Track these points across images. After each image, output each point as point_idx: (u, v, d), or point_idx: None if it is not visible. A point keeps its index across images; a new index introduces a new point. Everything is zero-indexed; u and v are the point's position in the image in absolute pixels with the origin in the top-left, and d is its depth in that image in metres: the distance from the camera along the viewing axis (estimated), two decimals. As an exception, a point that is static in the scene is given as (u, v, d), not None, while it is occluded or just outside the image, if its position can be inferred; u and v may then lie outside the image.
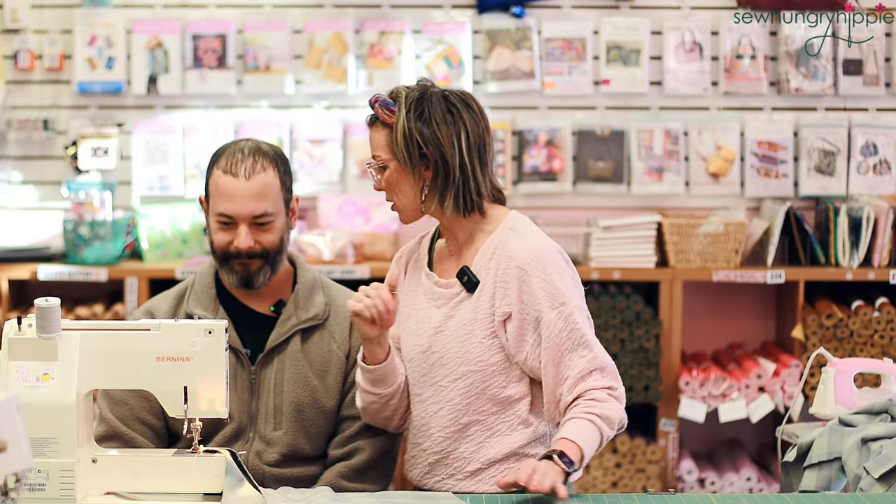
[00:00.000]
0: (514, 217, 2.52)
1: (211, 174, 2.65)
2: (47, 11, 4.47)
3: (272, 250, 2.64)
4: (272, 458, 2.62)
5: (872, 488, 2.37)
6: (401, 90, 2.46)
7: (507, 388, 2.46)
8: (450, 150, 2.43)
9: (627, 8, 4.47)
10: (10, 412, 1.76)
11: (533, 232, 2.49)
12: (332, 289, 2.78)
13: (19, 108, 4.48)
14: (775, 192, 4.43)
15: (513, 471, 2.25)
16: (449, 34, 4.43)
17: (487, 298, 2.45)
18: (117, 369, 2.27)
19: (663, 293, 4.21)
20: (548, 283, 2.41)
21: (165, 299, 2.74)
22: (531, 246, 2.44)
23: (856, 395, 2.74)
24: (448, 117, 2.43)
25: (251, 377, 2.66)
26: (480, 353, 2.45)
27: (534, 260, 2.42)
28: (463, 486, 2.50)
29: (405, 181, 2.45)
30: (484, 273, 2.46)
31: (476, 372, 2.45)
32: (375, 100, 2.45)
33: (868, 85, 4.43)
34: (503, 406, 2.47)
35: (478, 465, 2.48)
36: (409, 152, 2.42)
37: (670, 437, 4.23)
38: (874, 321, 4.17)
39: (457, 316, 2.47)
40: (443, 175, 2.44)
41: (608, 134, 4.46)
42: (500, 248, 2.45)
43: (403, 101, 2.42)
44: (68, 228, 4.23)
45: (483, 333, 2.45)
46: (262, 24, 4.43)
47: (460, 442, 2.49)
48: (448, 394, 2.48)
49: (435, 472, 2.53)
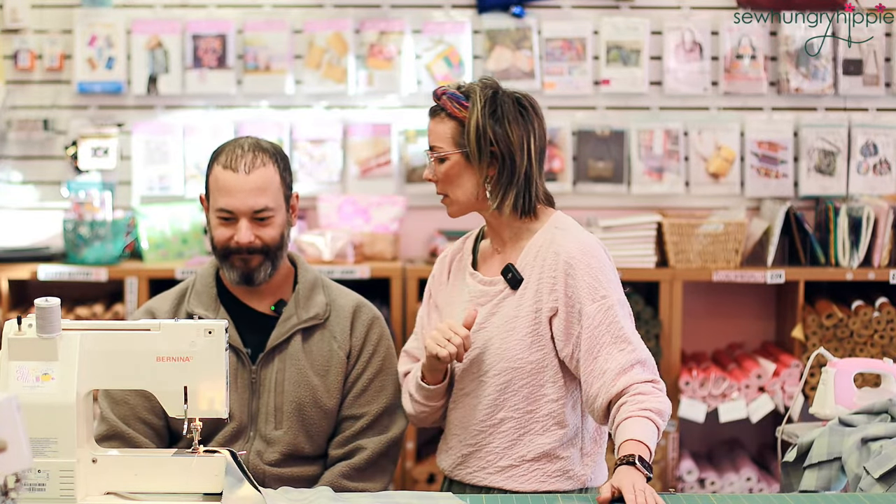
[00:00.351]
0: (559, 216, 2.57)
1: (211, 171, 2.66)
2: (47, 11, 4.47)
3: (272, 246, 2.64)
4: (273, 457, 2.63)
5: (872, 488, 2.37)
6: (474, 86, 2.51)
7: (542, 387, 2.50)
8: (518, 151, 2.49)
9: (627, 8, 4.46)
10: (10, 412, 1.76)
11: (578, 229, 2.55)
12: (332, 289, 2.78)
13: (19, 108, 4.48)
14: (775, 192, 4.43)
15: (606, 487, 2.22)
16: (449, 34, 4.43)
17: (531, 296, 2.48)
18: (117, 369, 2.27)
19: (663, 293, 4.21)
20: (591, 277, 2.44)
21: (166, 299, 2.74)
22: (577, 241, 2.49)
23: (856, 395, 2.74)
24: (520, 119, 2.51)
25: (252, 376, 2.66)
26: (520, 350, 2.48)
27: (580, 254, 2.46)
28: (493, 481, 2.53)
29: (467, 175, 2.50)
30: (528, 271, 2.50)
31: (514, 369, 2.48)
32: (443, 92, 2.50)
33: (868, 85, 4.43)
34: (538, 405, 2.50)
35: (509, 461, 2.52)
36: (479, 147, 2.47)
37: (670, 437, 4.23)
38: (874, 321, 4.17)
39: (499, 313, 2.51)
40: (508, 174, 2.49)
41: (608, 134, 4.46)
42: (546, 245, 2.50)
43: (478, 96, 2.48)
44: (68, 228, 4.23)
45: (524, 331, 2.48)
46: (262, 24, 4.43)
47: (494, 436, 2.52)
48: (486, 388, 2.51)
49: (467, 464, 2.57)
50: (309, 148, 4.45)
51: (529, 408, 2.50)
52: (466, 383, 2.55)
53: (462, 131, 2.48)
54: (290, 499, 2.32)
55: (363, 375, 2.71)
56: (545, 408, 2.50)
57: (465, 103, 2.48)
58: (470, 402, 2.55)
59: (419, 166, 4.42)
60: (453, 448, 2.59)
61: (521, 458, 2.51)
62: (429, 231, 4.43)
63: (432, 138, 2.52)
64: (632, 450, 2.26)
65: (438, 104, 2.51)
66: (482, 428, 2.53)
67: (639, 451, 2.26)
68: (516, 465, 2.52)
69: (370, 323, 2.75)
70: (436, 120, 2.52)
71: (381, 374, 2.73)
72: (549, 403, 2.50)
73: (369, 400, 2.70)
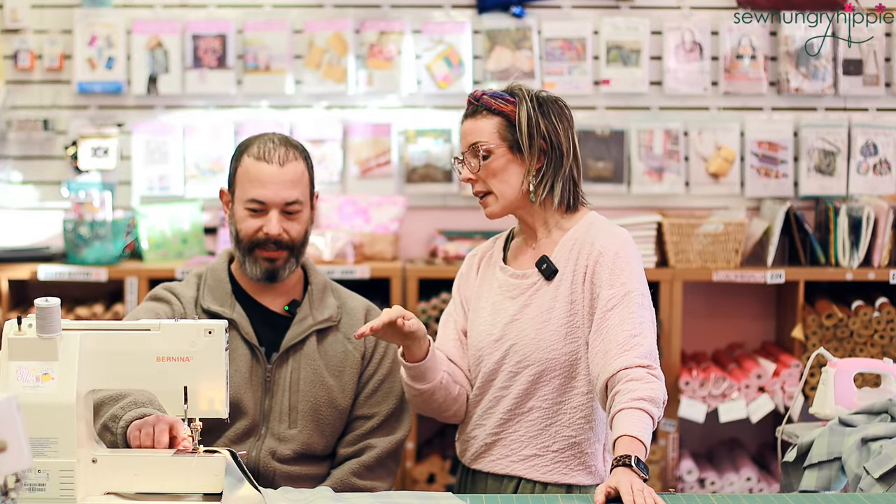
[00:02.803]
0: (594, 215, 2.62)
1: (240, 162, 2.66)
2: (47, 11, 4.47)
3: (298, 242, 2.68)
4: (285, 455, 2.63)
5: (872, 488, 2.37)
6: (515, 85, 2.58)
7: (574, 379, 2.52)
8: (565, 144, 2.55)
9: (627, 8, 4.47)
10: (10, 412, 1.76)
11: (613, 225, 2.60)
12: (340, 291, 2.82)
13: (19, 108, 4.48)
14: (775, 192, 4.43)
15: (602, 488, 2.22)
16: (449, 34, 4.43)
17: (567, 287, 2.52)
18: (117, 369, 2.27)
19: (663, 293, 4.21)
20: (615, 266, 2.48)
21: (189, 286, 2.75)
22: (612, 234, 2.54)
23: (856, 395, 2.74)
24: (562, 116, 2.57)
25: (266, 375, 2.66)
26: (555, 341, 2.51)
27: (612, 244, 2.51)
28: (515, 469, 2.55)
29: (513, 169, 2.54)
30: (563, 263, 2.54)
31: (548, 360, 2.51)
32: (482, 93, 2.56)
33: (868, 85, 4.43)
34: (567, 397, 2.53)
35: (534, 450, 2.54)
36: (530, 138, 2.52)
37: (670, 437, 4.23)
38: (874, 321, 4.17)
39: (533, 304, 2.54)
40: (555, 167, 2.54)
41: (608, 134, 4.46)
42: (581, 238, 2.54)
43: (524, 92, 2.55)
44: (68, 228, 4.23)
45: (559, 322, 2.51)
46: (262, 24, 4.43)
47: (521, 424, 2.55)
48: (518, 379, 2.53)
49: (491, 452, 2.58)
50: (309, 148, 4.42)
51: (559, 399, 2.53)
52: (498, 374, 2.57)
53: (507, 125, 2.53)
54: (290, 499, 2.32)
55: (375, 376, 2.74)
56: (574, 400, 2.53)
57: (511, 98, 2.55)
58: (498, 394, 2.57)
59: (419, 166, 4.42)
60: (477, 437, 2.61)
61: (545, 448, 2.54)
62: (429, 231, 4.43)
63: (473, 136, 2.56)
64: (627, 449, 2.26)
65: (479, 103, 2.56)
66: (510, 416, 2.55)
67: (635, 451, 2.26)
68: (540, 454, 2.54)
69: None
70: (476, 118, 2.57)
71: (391, 376, 2.76)
72: (578, 396, 2.53)
73: (380, 400, 2.72)
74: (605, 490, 2.20)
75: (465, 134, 2.58)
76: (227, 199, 2.72)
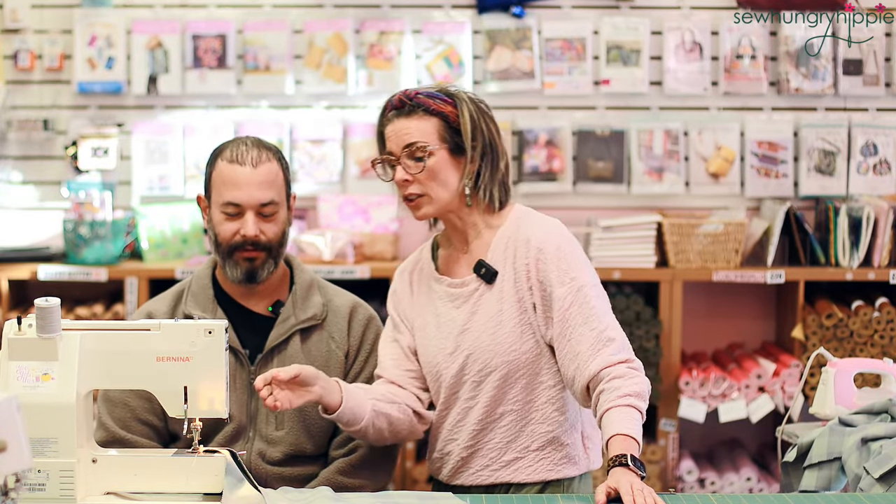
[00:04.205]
0: (518, 208, 2.58)
1: (214, 167, 2.66)
2: (47, 11, 4.47)
3: (275, 243, 2.66)
4: (275, 457, 2.63)
5: (872, 488, 2.37)
6: (447, 87, 2.55)
7: (539, 374, 2.50)
8: (500, 146, 2.54)
9: (627, 8, 4.46)
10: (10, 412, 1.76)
11: (540, 216, 2.57)
12: (328, 289, 2.79)
13: (19, 108, 4.48)
14: (775, 192, 4.43)
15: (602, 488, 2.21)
16: (449, 34, 4.43)
17: (510, 286, 2.49)
18: (117, 369, 2.28)
19: (663, 293, 4.21)
20: (560, 261, 2.46)
21: (163, 301, 2.75)
22: (545, 226, 2.51)
23: (856, 395, 2.74)
24: (493, 118, 2.57)
25: (251, 377, 2.66)
26: (512, 342, 2.48)
27: (549, 237, 2.48)
28: (499, 476, 2.52)
29: (451, 170, 2.51)
30: (501, 263, 2.51)
31: (510, 362, 2.48)
32: (416, 92, 2.51)
33: (868, 85, 4.42)
34: (536, 394, 2.50)
35: (514, 454, 2.51)
36: (473, 140, 2.49)
37: (670, 437, 4.23)
38: (874, 321, 4.16)
39: (481, 310, 2.50)
40: (492, 167, 2.52)
41: (608, 134, 4.46)
42: (514, 235, 2.51)
43: (462, 94, 2.52)
44: (68, 228, 4.23)
45: (512, 322, 2.48)
46: (262, 24, 4.43)
47: (495, 432, 2.52)
48: (483, 387, 2.50)
49: (469, 465, 2.55)
50: (309, 148, 4.45)
51: (529, 398, 2.50)
52: (461, 386, 2.53)
53: (446, 127, 2.49)
54: (290, 499, 2.32)
55: (361, 375, 2.72)
56: (544, 395, 2.50)
57: (448, 99, 2.51)
58: (465, 405, 2.54)
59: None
60: (451, 453, 2.57)
61: (525, 449, 2.51)
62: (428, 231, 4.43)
63: (410, 136, 2.49)
64: (621, 449, 2.26)
65: (413, 102, 2.50)
66: (482, 426, 2.52)
67: (629, 450, 2.25)
68: (521, 456, 2.51)
69: (366, 323, 2.76)
70: (411, 118, 2.50)
71: None
72: (547, 390, 2.50)
73: None
74: (605, 490, 2.20)
75: (398, 133, 2.50)
76: (205, 205, 2.73)
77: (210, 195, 2.69)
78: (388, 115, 2.54)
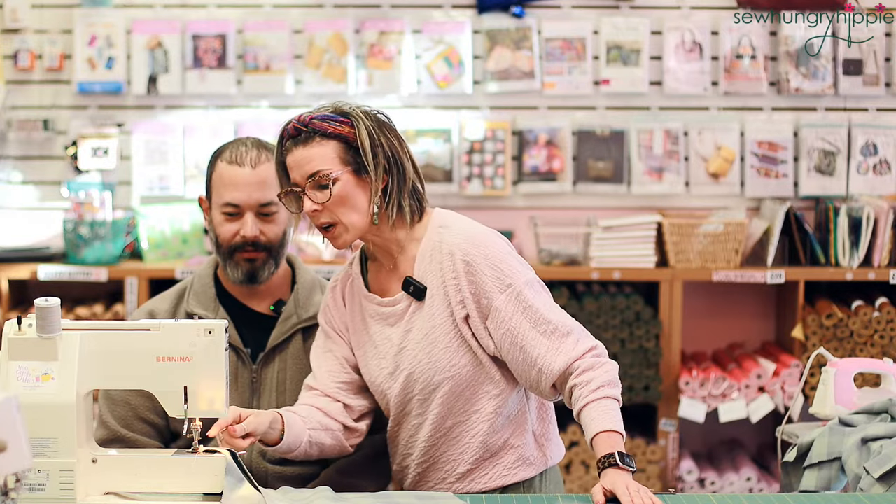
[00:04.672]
0: (437, 214, 2.50)
1: (214, 168, 2.67)
2: (47, 11, 4.47)
3: (276, 243, 2.66)
4: (276, 456, 2.63)
5: (872, 488, 2.37)
6: (341, 106, 2.44)
7: (482, 385, 2.46)
8: (405, 157, 2.45)
9: (627, 8, 4.47)
10: (10, 412, 1.76)
11: (462, 221, 2.48)
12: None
13: (19, 108, 4.48)
14: (775, 192, 4.43)
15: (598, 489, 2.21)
16: (449, 34, 4.43)
17: (441, 301, 2.43)
18: (117, 369, 2.27)
19: (663, 293, 4.21)
20: (491, 269, 2.39)
21: (165, 300, 2.75)
22: (467, 235, 2.43)
23: (856, 395, 2.74)
24: (395, 131, 2.47)
25: (252, 376, 2.66)
26: (450, 357, 2.43)
27: (473, 248, 2.41)
28: (457, 489, 2.50)
29: (358, 193, 2.41)
30: (429, 277, 2.44)
31: (451, 377, 2.44)
32: (310, 117, 2.41)
33: (868, 85, 4.43)
34: (481, 404, 2.46)
35: (468, 465, 2.49)
36: (374, 157, 2.40)
37: (670, 437, 4.23)
38: (874, 321, 4.17)
39: (415, 328, 2.45)
40: (399, 182, 2.44)
41: (608, 134, 4.46)
42: (437, 247, 2.44)
43: (357, 111, 2.42)
44: (68, 228, 4.23)
45: (447, 338, 2.43)
46: (262, 24, 4.43)
47: (447, 446, 2.49)
48: (430, 405, 2.47)
49: (427, 479, 2.53)
50: (309, 148, 4.45)
51: (474, 408, 2.46)
52: (406, 404, 2.50)
53: (346, 148, 2.40)
54: (290, 499, 2.32)
55: None
56: (489, 405, 2.46)
57: (344, 119, 2.41)
58: (415, 421, 2.50)
59: (419, 166, 4.41)
60: (409, 466, 2.55)
61: (478, 461, 2.48)
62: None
63: (312, 165, 2.38)
64: (609, 447, 2.25)
65: (308, 129, 2.40)
66: (434, 441, 2.49)
67: (616, 447, 2.25)
68: (474, 467, 2.48)
69: None
70: (309, 145, 2.40)
71: None
72: (491, 400, 2.46)
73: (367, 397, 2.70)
74: (601, 490, 2.20)
75: (300, 163, 2.39)
76: (206, 206, 2.73)
77: (211, 196, 2.69)
78: (286, 145, 2.44)
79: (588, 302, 4.19)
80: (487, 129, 4.45)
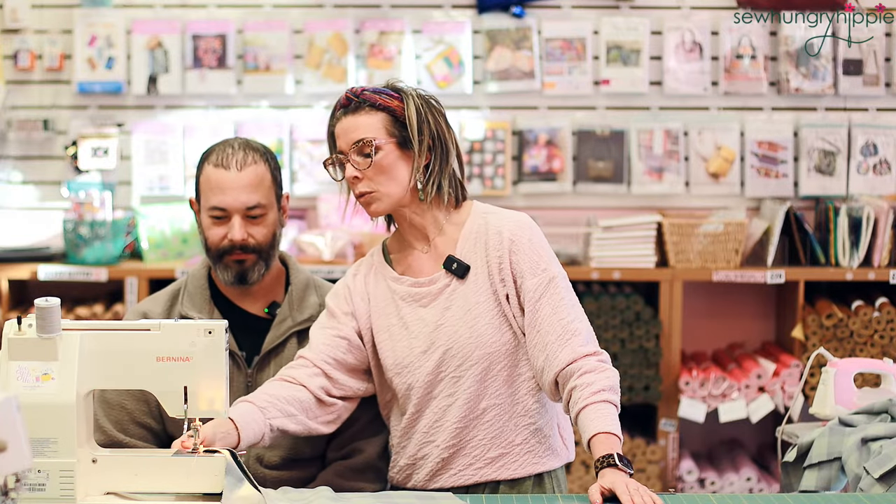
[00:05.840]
0: (480, 204, 2.58)
1: (202, 171, 2.67)
2: (47, 11, 4.47)
3: (265, 245, 2.65)
4: (273, 460, 2.62)
5: (872, 488, 2.37)
6: (395, 82, 2.53)
7: (518, 366, 2.48)
8: (450, 141, 2.52)
9: (627, 8, 4.47)
10: (10, 412, 1.76)
11: (508, 210, 2.56)
12: (324, 288, 2.78)
13: (19, 108, 4.48)
14: (775, 192, 4.44)
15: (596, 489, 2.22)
16: (449, 34, 4.43)
17: (484, 280, 2.48)
18: (117, 369, 2.27)
19: (663, 293, 4.21)
20: (532, 252, 2.47)
21: (158, 301, 2.73)
22: (516, 220, 2.52)
23: (856, 395, 2.74)
24: (443, 113, 2.55)
25: (248, 380, 2.65)
26: (492, 334, 2.46)
27: (520, 230, 2.49)
28: (483, 475, 2.49)
29: (401, 165, 2.49)
30: (472, 257, 2.49)
31: (491, 353, 2.46)
32: (362, 89, 2.49)
33: (868, 85, 4.43)
34: (517, 385, 2.49)
35: (499, 450, 2.48)
36: (420, 134, 2.47)
37: (670, 437, 4.23)
38: (874, 321, 4.17)
39: (455, 305, 2.48)
40: (442, 162, 2.51)
41: (608, 134, 4.46)
42: (482, 229, 2.50)
43: (409, 90, 2.51)
44: (68, 228, 4.23)
45: (490, 314, 2.47)
46: (262, 24, 4.43)
47: (478, 429, 2.49)
48: (463, 383, 2.47)
49: (450, 467, 2.51)
50: (309, 148, 4.45)
51: (511, 390, 2.48)
52: (437, 384, 2.49)
53: (393, 121, 2.47)
54: (290, 499, 2.32)
55: None
56: (524, 386, 2.48)
57: (395, 94, 2.49)
58: (443, 404, 2.49)
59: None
60: (428, 456, 2.52)
61: (510, 444, 2.48)
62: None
63: (357, 132, 2.47)
64: (607, 448, 2.26)
65: (360, 99, 2.48)
66: (465, 423, 2.48)
67: (614, 448, 2.26)
68: (506, 451, 2.48)
69: None
70: (357, 114, 2.48)
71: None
72: (526, 381, 2.48)
73: (363, 401, 2.69)
74: (599, 490, 2.21)
75: (347, 131, 2.48)
76: (197, 209, 2.73)
77: (199, 199, 2.69)
78: (337, 115, 2.52)
79: (588, 302, 4.19)
80: (487, 129, 4.45)
